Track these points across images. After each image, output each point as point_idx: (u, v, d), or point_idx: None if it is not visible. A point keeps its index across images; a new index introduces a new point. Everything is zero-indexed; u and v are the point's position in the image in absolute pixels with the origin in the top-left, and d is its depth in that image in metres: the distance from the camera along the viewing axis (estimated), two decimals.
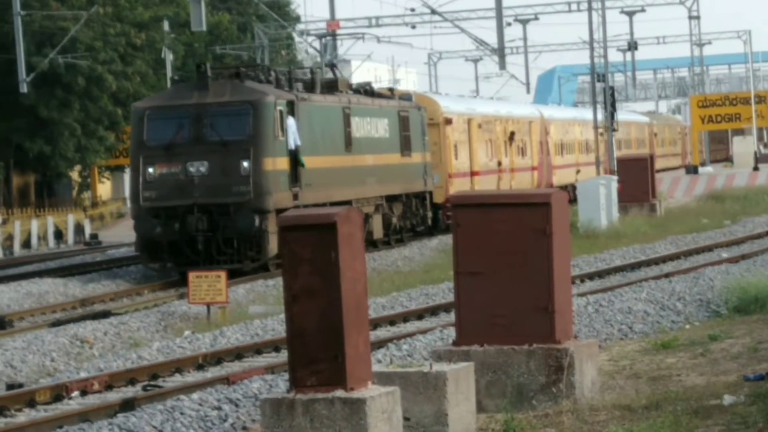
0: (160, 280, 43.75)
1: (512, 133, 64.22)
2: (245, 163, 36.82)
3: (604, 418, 18.97)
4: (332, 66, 55.23)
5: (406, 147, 49.96)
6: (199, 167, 37.09)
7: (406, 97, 52.75)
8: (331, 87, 45.43)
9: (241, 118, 37.52)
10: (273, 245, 36.63)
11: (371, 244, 45.51)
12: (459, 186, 54.12)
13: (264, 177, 37.31)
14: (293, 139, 38.71)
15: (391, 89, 56.22)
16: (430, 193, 52.69)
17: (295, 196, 39.01)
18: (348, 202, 42.16)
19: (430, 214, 52.91)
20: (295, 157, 38.96)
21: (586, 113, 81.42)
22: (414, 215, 51.07)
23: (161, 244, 37.60)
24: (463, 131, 57.77)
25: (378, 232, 46.69)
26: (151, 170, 37.35)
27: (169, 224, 36.87)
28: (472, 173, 57.88)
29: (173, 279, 43.60)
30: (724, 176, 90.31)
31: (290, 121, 38.50)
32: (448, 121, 55.44)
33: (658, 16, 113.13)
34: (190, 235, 36.82)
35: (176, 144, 37.81)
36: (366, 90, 49.68)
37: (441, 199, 53.07)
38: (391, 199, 48.78)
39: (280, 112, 37.99)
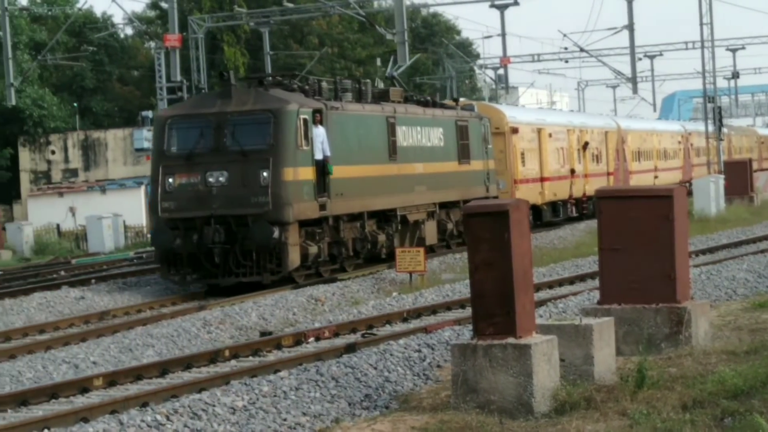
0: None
1: (586, 143, 60.11)
2: (264, 173, 31.65)
3: (714, 360, 19.12)
4: (392, 78, 49.55)
5: (464, 155, 44.40)
6: (218, 177, 32.16)
7: (468, 107, 48.27)
8: (382, 97, 40.41)
9: (261, 126, 32.43)
10: (294, 257, 32.31)
11: (429, 249, 39.85)
12: (526, 191, 50.54)
13: (283, 187, 31.87)
14: (321, 148, 33.54)
15: (455, 99, 51.92)
16: (495, 197, 45.79)
17: (323, 207, 33.72)
18: (392, 211, 38.47)
19: None
20: (323, 167, 33.73)
21: (665, 124, 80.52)
22: None
23: (181, 256, 32.54)
24: (532, 140, 53.51)
25: (431, 238, 41.40)
26: (170, 180, 32.37)
27: (188, 236, 32.00)
28: (542, 179, 53.87)
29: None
30: None
31: (318, 130, 33.50)
32: (515, 130, 51.18)
33: (756, 52, 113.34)
34: (207, 248, 31.99)
35: (196, 153, 32.57)
36: (420, 100, 44.42)
37: None
38: (448, 205, 43.61)
39: (304, 120, 32.77)
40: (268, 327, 27.86)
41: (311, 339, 24.48)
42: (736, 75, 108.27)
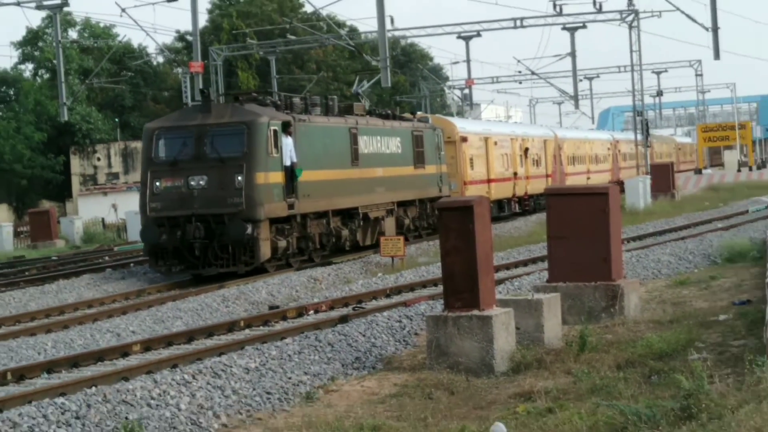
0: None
1: (527, 149, 58.54)
2: (239, 177, 30.43)
3: (643, 328, 19.29)
4: (357, 95, 47.66)
5: (419, 160, 42.65)
6: (199, 181, 30.87)
7: (423, 119, 46.54)
8: (348, 111, 38.91)
9: (236, 137, 31.13)
10: (265, 250, 31.04)
11: None
12: (474, 190, 48.50)
13: (255, 190, 30.64)
14: (289, 155, 32.33)
15: (413, 113, 50.35)
16: (448, 196, 43.18)
17: (291, 206, 32.39)
18: (354, 210, 37.14)
19: None
20: (291, 172, 32.35)
21: (596, 134, 79.41)
22: (429, 216, 43.82)
23: (167, 250, 31.13)
24: (480, 147, 51.78)
25: (390, 232, 39.28)
26: (157, 183, 31.20)
27: (172, 232, 30.76)
28: (489, 180, 52.15)
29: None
30: (719, 175, 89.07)
31: (287, 140, 32.27)
32: (464, 139, 49.57)
33: (676, 74, 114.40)
34: (189, 243, 30.64)
35: (180, 160, 31.26)
36: (380, 113, 42.81)
37: None
38: (406, 204, 41.86)
39: (274, 131, 31.57)
40: (275, 302, 27.78)
41: (311, 312, 24.46)
42: (660, 93, 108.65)
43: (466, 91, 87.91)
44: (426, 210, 43.72)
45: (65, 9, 55.73)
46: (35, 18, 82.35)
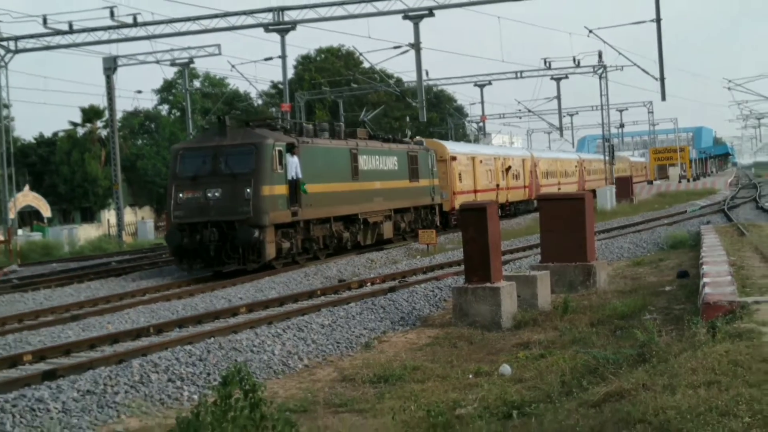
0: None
1: (509, 167, 55.74)
2: (248, 190, 28.01)
3: (610, 296, 19.24)
4: (363, 122, 44.78)
5: (413, 175, 39.69)
6: (214, 193, 28.38)
7: (418, 142, 43.20)
8: (352, 135, 36.06)
9: (246, 156, 28.54)
10: (270, 251, 28.36)
11: (385, 242, 36.92)
12: (462, 199, 45.15)
13: (262, 200, 28.06)
14: (294, 171, 29.62)
15: (412, 137, 46.24)
16: (440, 205, 43.11)
17: (295, 214, 29.63)
18: (355, 216, 34.14)
19: (437, 218, 42.48)
20: (295, 185, 29.66)
21: (565, 154, 77.38)
22: (423, 220, 40.98)
23: (188, 251, 28.52)
24: (467, 165, 48.83)
25: (388, 234, 36.84)
26: (180, 195, 28.72)
27: (192, 236, 28.29)
28: (476, 191, 49.05)
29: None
30: (665, 185, 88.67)
31: (292, 159, 29.65)
32: (454, 158, 46.62)
33: (634, 111, 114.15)
34: (206, 245, 28.17)
35: (199, 175, 28.73)
36: (381, 137, 39.56)
37: (448, 208, 44.77)
38: (402, 210, 38.62)
39: (279, 151, 28.94)
40: (343, 276, 27.78)
41: (369, 284, 24.42)
42: (622, 125, 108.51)
43: (481, 124, 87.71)
44: (420, 215, 40.83)
45: (191, 65, 55.99)
46: (169, 72, 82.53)
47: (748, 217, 41.72)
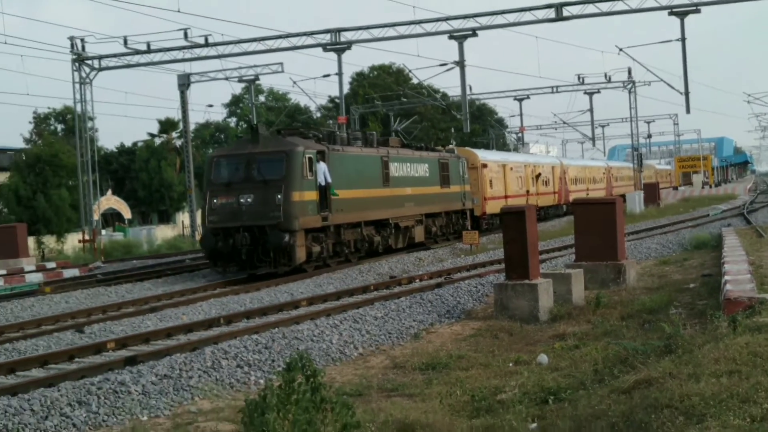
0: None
1: (538, 174, 53.73)
2: (279, 196, 26.51)
3: (638, 292, 19.08)
4: (396, 132, 42.87)
5: (444, 182, 37.84)
6: (247, 198, 26.90)
7: (450, 150, 41.47)
8: (384, 144, 34.37)
9: (277, 163, 27.05)
10: (300, 255, 26.96)
11: (417, 245, 35.44)
12: (493, 204, 44.31)
13: (292, 206, 26.57)
14: (323, 177, 28.04)
15: (443, 146, 44.40)
16: (471, 210, 41.30)
17: (325, 218, 28.17)
18: (386, 220, 32.58)
19: (468, 222, 40.54)
20: (325, 191, 28.17)
21: (594, 162, 75.61)
22: (455, 224, 39.20)
23: (222, 254, 27.10)
24: (498, 171, 46.98)
25: (420, 237, 35.24)
26: (215, 201, 27.32)
27: (225, 240, 26.85)
28: (506, 196, 47.00)
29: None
30: (689, 191, 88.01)
31: (321, 165, 27.96)
32: (485, 165, 44.83)
33: (661, 123, 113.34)
34: (238, 248, 26.75)
35: (233, 182, 27.25)
36: (414, 146, 37.91)
37: (479, 213, 43.11)
38: (433, 215, 36.95)
39: (309, 158, 27.39)
40: (393, 273, 27.74)
41: (417, 280, 24.36)
42: (649, 136, 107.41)
43: (520, 135, 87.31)
44: (451, 219, 39.07)
45: (257, 82, 56.32)
46: (237, 88, 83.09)
47: (765, 220, 41.14)
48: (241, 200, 27.02)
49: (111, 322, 19.57)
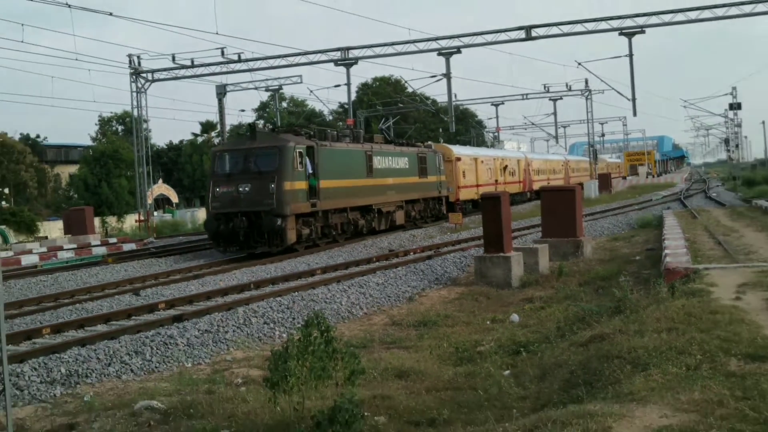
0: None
1: (506, 166, 52.39)
2: (272, 185, 25.38)
3: (594, 264, 19.04)
4: (382, 130, 41.51)
5: (422, 173, 36.58)
6: (245, 188, 25.68)
7: (427, 146, 39.85)
8: (370, 140, 33.14)
9: (271, 156, 25.81)
10: (291, 236, 25.71)
11: (398, 227, 34.05)
12: (465, 193, 43.32)
13: (284, 194, 25.42)
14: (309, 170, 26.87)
15: (422, 142, 42.30)
16: (446, 197, 39.90)
17: (314, 205, 26.87)
18: (370, 206, 31.24)
19: (444, 208, 39.14)
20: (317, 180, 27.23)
21: (553, 156, 73.76)
22: (432, 209, 37.85)
23: (223, 236, 25.87)
24: (470, 164, 45.33)
25: (401, 220, 33.93)
26: (217, 189, 26.13)
27: (226, 224, 25.71)
28: (478, 185, 45.27)
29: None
30: (636, 180, 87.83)
31: (306, 159, 26.74)
32: (458, 159, 43.26)
33: (612, 124, 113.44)
34: (237, 231, 25.63)
35: (233, 173, 26.04)
36: (395, 141, 36.58)
37: (453, 200, 41.37)
38: (412, 202, 35.55)
39: (299, 153, 26.18)
40: (392, 247, 27.58)
41: (412, 253, 24.25)
42: (603, 135, 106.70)
43: (496, 134, 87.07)
44: (429, 205, 37.58)
45: (280, 91, 56.16)
46: (264, 96, 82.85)
47: (699, 204, 41.09)
48: (240, 189, 26.02)
49: (161, 287, 19.55)
